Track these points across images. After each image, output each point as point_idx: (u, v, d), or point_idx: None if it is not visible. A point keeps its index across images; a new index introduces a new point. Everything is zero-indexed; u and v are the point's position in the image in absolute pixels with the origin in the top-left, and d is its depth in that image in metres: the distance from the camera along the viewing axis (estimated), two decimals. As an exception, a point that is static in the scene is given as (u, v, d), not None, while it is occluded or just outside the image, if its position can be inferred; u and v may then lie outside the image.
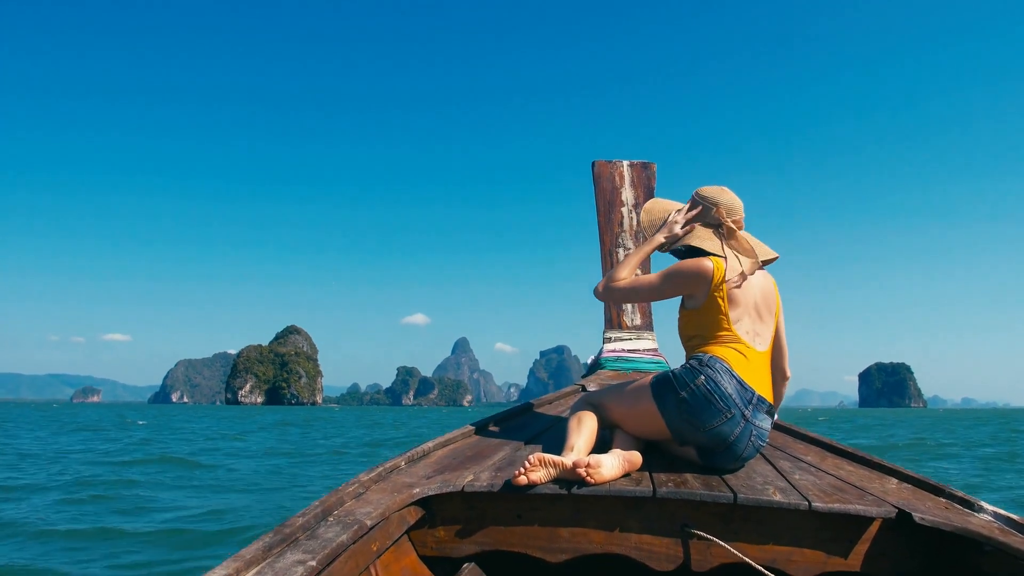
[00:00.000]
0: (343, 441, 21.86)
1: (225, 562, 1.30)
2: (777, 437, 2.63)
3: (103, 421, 39.91)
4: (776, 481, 1.97)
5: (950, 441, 22.36)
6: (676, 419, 2.03)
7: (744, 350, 2.07)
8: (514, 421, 2.85)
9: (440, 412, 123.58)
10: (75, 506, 7.80)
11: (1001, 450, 18.46)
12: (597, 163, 4.10)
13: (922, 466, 13.54)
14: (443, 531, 1.94)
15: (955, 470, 13.24)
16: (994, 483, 10.89)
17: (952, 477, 11.87)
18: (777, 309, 2.22)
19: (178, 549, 5.66)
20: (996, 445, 20.72)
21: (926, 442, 21.94)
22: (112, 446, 18.50)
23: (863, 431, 32.22)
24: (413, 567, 1.89)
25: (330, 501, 1.71)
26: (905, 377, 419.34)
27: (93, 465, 12.85)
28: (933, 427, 38.07)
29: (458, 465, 2.13)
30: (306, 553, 1.41)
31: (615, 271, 2.27)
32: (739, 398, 2.00)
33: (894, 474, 2.15)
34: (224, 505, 8.00)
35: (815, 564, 1.79)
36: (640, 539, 1.84)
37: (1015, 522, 1.76)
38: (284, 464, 13.77)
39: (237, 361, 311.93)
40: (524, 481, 1.82)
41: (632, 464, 1.97)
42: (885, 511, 1.76)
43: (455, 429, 2.57)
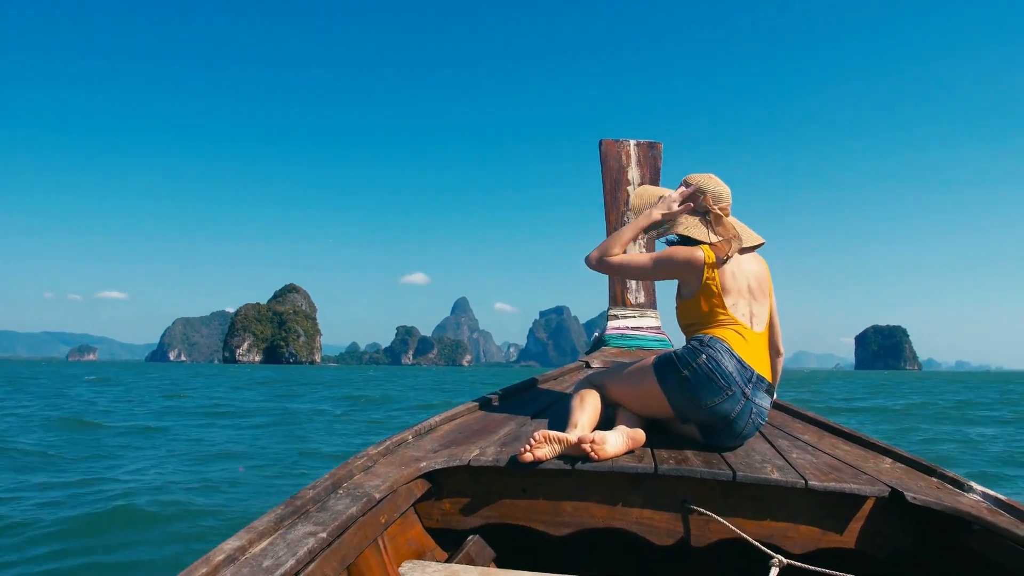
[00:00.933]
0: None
1: (238, 533, 1.33)
2: (776, 416, 2.68)
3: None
4: (774, 459, 2.01)
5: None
6: (678, 397, 2.08)
7: (742, 331, 2.12)
8: (519, 396, 2.89)
9: (439, 371, 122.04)
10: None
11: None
12: (604, 142, 4.11)
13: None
14: (449, 504, 1.98)
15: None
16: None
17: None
18: (770, 290, 2.27)
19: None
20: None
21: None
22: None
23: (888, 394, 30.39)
24: (419, 539, 1.94)
25: (340, 474, 1.75)
26: (901, 340, 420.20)
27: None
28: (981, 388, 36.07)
29: (464, 439, 2.18)
30: (317, 525, 1.45)
31: (609, 244, 2.30)
32: (739, 376, 2.04)
33: (888, 454, 2.20)
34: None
35: (811, 540, 1.83)
36: (641, 514, 1.89)
37: (1003, 502, 1.80)
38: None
39: (235, 319, 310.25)
40: (530, 458, 1.86)
41: (636, 441, 2.01)
42: (879, 490, 1.80)
43: (460, 405, 2.60)
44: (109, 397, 22.04)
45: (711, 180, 2.25)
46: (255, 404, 20.14)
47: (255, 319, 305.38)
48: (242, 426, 13.40)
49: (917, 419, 16.88)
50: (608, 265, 2.30)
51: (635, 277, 2.32)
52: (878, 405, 22.41)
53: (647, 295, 3.95)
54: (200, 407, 18.05)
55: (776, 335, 2.31)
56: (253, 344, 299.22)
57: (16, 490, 6.38)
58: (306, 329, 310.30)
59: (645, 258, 2.27)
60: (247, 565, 1.24)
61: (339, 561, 1.46)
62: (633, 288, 3.94)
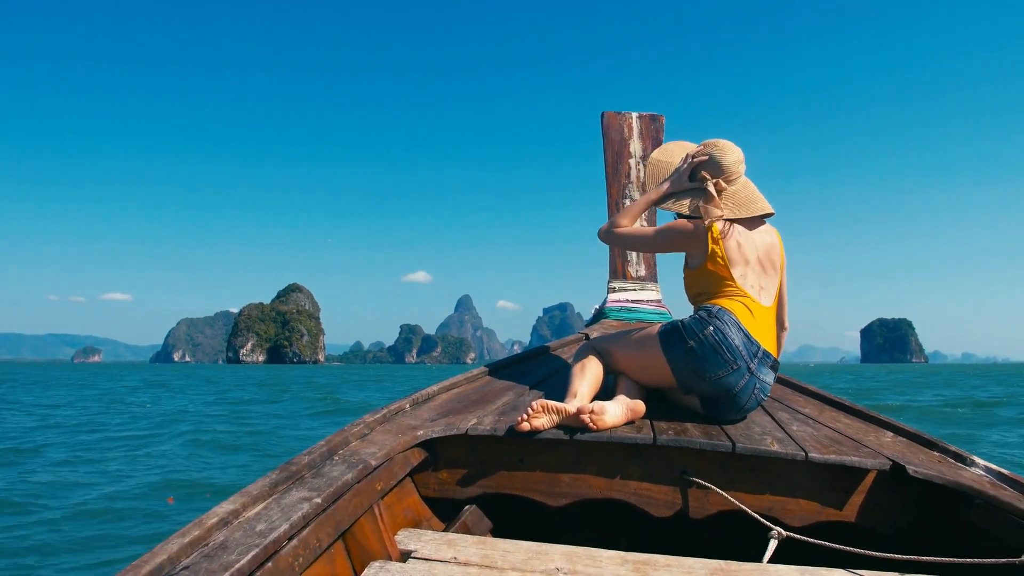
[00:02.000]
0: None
1: (232, 497, 1.32)
2: (776, 389, 2.66)
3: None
4: (774, 432, 2.00)
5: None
6: (683, 368, 2.05)
7: (750, 304, 2.09)
8: (519, 366, 2.88)
9: (442, 370, 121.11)
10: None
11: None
12: (606, 114, 4.08)
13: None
14: (446, 473, 1.97)
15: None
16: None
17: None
18: (782, 263, 2.23)
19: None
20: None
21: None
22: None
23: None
24: (416, 508, 1.92)
25: (336, 441, 1.73)
26: (907, 332, 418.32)
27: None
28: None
29: (462, 409, 2.15)
30: (312, 491, 1.43)
31: (618, 217, 2.32)
32: (745, 350, 2.02)
33: (889, 427, 2.18)
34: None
35: (810, 514, 1.83)
36: (640, 485, 1.88)
37: (1005, 476, 1.79)
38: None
39: (238, 319, 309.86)
40: (527, 428, 1.85)
41: (636, 412, 1.99)
42: (879, 463, 1.78)
43: (459, 374, 2.58)
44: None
45: (716, 147, 2.19)
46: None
47: (258, 319, 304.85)
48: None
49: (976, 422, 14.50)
50: (615, 237, 2.31)
51: (640, 249, 2.34)
52: (912, 403, 20.11)
53: (648, 268, 3.90)
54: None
55: (783, 309, 2.29)
56: (257, 344, 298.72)
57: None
58: (309, 329, 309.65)
59: (649, 230, 2.28)
60: (240, 528, 1.24)
61: (333, 527, 1.45)
62: (633, 261, 3.89)
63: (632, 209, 2.30)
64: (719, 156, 2.17)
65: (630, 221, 2.30)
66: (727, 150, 2.19)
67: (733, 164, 2.18)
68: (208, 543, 1.17)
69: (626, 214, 2.30)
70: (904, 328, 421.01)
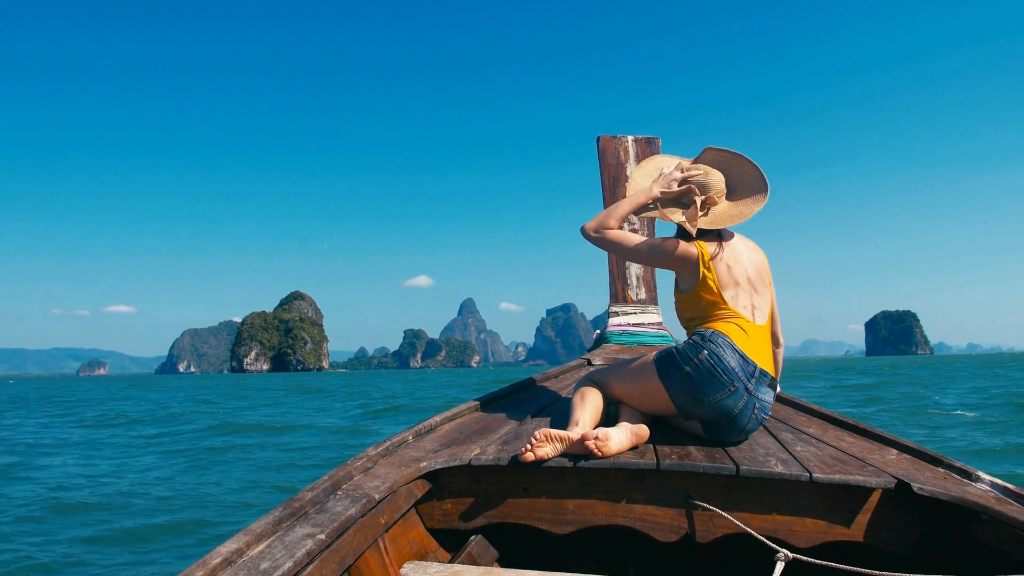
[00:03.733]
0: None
1: (236, 536, 1.32)
2: (780, 410, 2.66)
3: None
4: (778, 453, 1.99)
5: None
6: (681, 394, 2.05)
7: (744, 324, 2.09)
8: (520, 395, 2.88)
9: (448, 373, 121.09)
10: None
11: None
12: (602, 138, 4.11)
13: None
14: (450, 504, 1.97)
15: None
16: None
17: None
18: (770, 280, 2.24)
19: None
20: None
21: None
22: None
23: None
24: (421, 540, 1.92)
25: (339, 475, 1.73)
26: (911, 324, 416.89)
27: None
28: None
29: (465, 439, 2.15)
30: (315, 527, 1.43)
31: (607, 217, 2.25)
32: (742, 371, 2.01)
33: (894, 445, 2.17)
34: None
35: (817, 534, 1.82)
36: (644, 511, 1.87)
37: (1011, 491, 1.78)
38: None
39: (241, 329, 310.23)
40: (531, 457, 1.84)
41: (640, 437, 1.99)
42: (884, 481, 1.78)
43: (461, 404, 2.59)
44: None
45: (710, 175, 2.19)
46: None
47: (261, 328, 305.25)
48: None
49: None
50: (603, 238, 2.26)
51: (627, 258, 2.25)
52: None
53: (648, 291, 3.92)
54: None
55: (776, 326, 2.29)
56: (260, 353, 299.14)
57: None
58: (313, 336, 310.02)
59: (639, 240, 2.24)
60: (244, 568, 1.23)
61: (338, 563, 1.45)
62: (633, 285, 3.91)
63: (619, 209, 2.25)
64: (712, 181, 2.18)
65: (617, 222, 2.25)
66: (717, 177, 2.20)
67: (720, 185, 2.19)
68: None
69: (613, 214, 2.25)
70: (908, 320, 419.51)
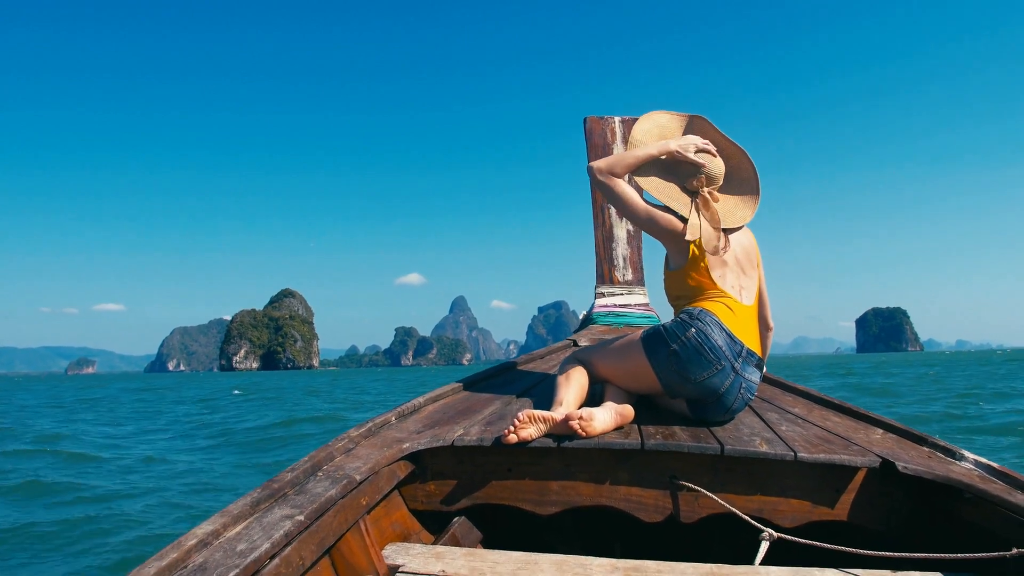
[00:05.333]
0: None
1: (212, 517, 1.30)
2: (765, 389, 2.66)
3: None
4: (763, 432, 1.99)
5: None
6: (667, 372, 2.04)
7: (732, 304, 2.10)
8: (505, 376, 2.87)
9: (439, 371, 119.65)
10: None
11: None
12: (589, 119, 4.09)
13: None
14: (433, 485, 1.96)
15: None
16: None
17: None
18: (758, 262, 2.26)
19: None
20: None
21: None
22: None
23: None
24: (404, 521, 1.91)
25: (319, 456, 1.71)
26: (901, 321, 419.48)
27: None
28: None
29: (448, 420, 2.14)
30: (294, 508, 1.41)
31: (617, 162, 2.22)
32: (728, 350, 2.01)
33: (879, 424, 2.18)
34: None
35: (802, 514, 1.82)
36: (629, 491, 1.87)
37: (995, 469, 1.80)
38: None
39: (231, 327, 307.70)
40: (514, 439, 1.83)
41: (624, 417, 1.98)
42: (869, 461, 1.78)
43: (445, 385, 2.56)
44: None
45: (717, 158, 2.19)
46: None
47: (251, 325, 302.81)
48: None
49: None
50: (609, 184, 2.23)
51: (622, 212, 2.26)
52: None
53: (635, 272, 3.91)
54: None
55: (765, 309, 2.30)
56: (250, 351, 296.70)
57: None
58: (303, 334, 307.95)
59: (641, 203, 2.21)
60: (220, 549, 1.22)
61: (318, 544, 1.43)
62: (620, 266, 3.91)
63: (630, 156, 2.21)
64: (716, 171, 2.18)
65: (624, 170, 2.22)
66: (719, 166, 2.20)
67: (720, 177, 2.20)
68: (187, 565, 1.16)
69: (623, 160, 2.21)
70: (899, 317, 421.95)
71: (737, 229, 2.20)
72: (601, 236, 3.97)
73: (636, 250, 3.94)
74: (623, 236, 3.97)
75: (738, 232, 2.20)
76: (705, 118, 2.27)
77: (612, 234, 3.96)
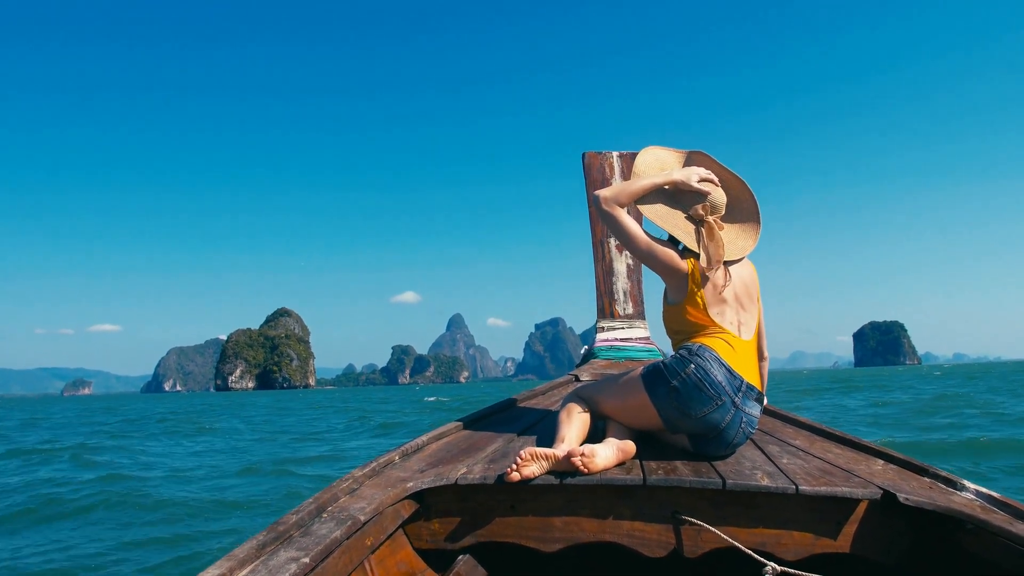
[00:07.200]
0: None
1: (218, 562, 1.31)
2: (766, 422, 2.65)
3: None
4: (764, 466, 2.00)
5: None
6: (668, 408, 2.05)
7: (731, 340, 2.11)
8: (507, 413, 2.88)
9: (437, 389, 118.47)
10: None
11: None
12: (587, 154, 4.14)
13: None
14: (438, 524, 1.96)
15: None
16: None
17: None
18: (758, 296, 2.26)
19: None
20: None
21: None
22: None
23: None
24: (409, 560, 1.92)
25: (324, 498, 1.72)
26: (899, 335, 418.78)
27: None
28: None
29: (452, 458, 2.14)
30: (300, 550, 1.42)
31: (622, 191, 2.22)
32: (729, 385, 2.02)
33: (880, 456, 2.18)
34: None
35: (804, 546, 1.82)
36: (632, 526, 1.87)
37: (996, 500, 1.80)
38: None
39: (226, 346, 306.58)
40: (517, 477, 1.84)
41: (626, 453, 1.99)
42: (871, 492, 1.78)
43: (449, 423, 2.58)
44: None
45: (715, 188, 2.22)
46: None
47: (247, 345, 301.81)
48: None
49: None
50: (613, 214, 2.22)
51: (623, 242, 2.27)
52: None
53: (635, 306, 3.93)
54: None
55: (762, 340, 2.30)
56: (246, 370, 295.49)
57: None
58: (299, 353, 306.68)
59: (643, 235, 2.20)
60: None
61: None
62: (621, 300, 3.94)
63: (634, 186, 2.22)
64: (719, 201, 2.20)
65: (629, 199, 2.22)
66: (721, 196, 2.22)
67: (723, 207, 2.22)
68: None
69: (628, 189, 2.22)
70: (896, 331, 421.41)
71: (738, 261, 2.21)
72: (601, 271, 3.98)
73: (636, 284, 3.95)
74: (623, 270, 3.97)
75: (738, 264, 2.20)
76: (703, 152, 2.31)
77: (612, 268, 3.98)
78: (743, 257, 2.22)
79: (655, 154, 2.35)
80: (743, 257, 2.22)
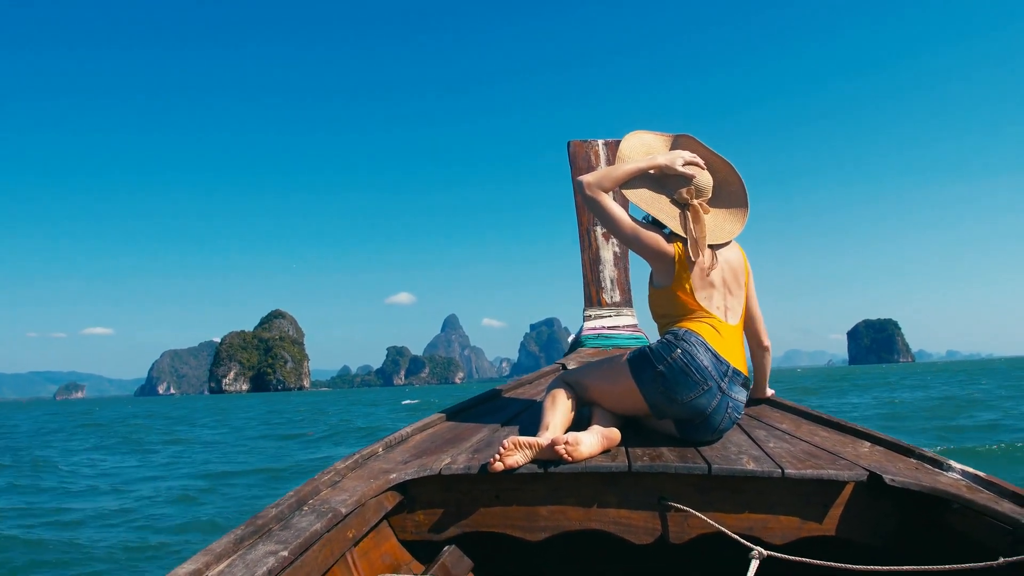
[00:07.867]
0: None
1: (194, 556, 1.29)
2: (753, 407, 2.64)
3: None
4: (750, 450, 2.00)
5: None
6: (654, 393, 2.05)
7: (717, 324, 2.11)
8: (492, 403, 2.86)
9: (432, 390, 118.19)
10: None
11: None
12: (572, 143, 4.14)
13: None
14: (422, 515, 1.95)
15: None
16: None
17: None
18: (747, 280, 2.25)
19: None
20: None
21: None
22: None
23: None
24: (394, 552, 1.90)
25: (305, 491, 1.70)
26: (893, 333, 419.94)
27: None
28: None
29: (436, 449, 2.13)
30: (278, 543, 1.40)
31: (605, 176, 2.21)
32: (715, 370, 2.02)
33: (867, 438, 2.19)
34: None
35: (791, 530, 1.83)
36: (618, 514, 1.87)
37: (981, 479, 1.80)
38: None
39: (220, 348, 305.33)
40: (500, 467, 1.83)
41: (611, 440, 1.98)
42: (856, 474, 1.79)
43: (432, 414, 2.56)
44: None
45: (704, 172, 2.21)
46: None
47: (240, 347, 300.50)
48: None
49: None
50: (597, 199, 2.21)
51: (608, 229, 2.27)
52: None
53: (622, 294, 3.94)
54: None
55: (759, 328, 2.28)
56: (240, 373, 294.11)
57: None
58: (293, 355, 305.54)
59: (628, 219, 2.20)
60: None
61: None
62: (608, 288, 3.94)
63: (618, 171, 2.21)
64: (704, 184, 2.19)
65: (613, 184, 2.21)
66: (707, 179, 2.21)
67: (709, 190, 2.21)
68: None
69: (611, 175, 2.20)
70: (890, 328, 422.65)
71: (725, 244, 2.20)
72: (588, 259, 3.98)
73: (623, 271, 3.95)
74: (610, 258, 3.96)
75: (726, 248, 2.19)
76: (690, 135, 2.29)
77: (599, 256, 3.96)
78: (730, 241, 2.21)
79: (641, 138, 2.33)
80: (730, 241, 2.21)
